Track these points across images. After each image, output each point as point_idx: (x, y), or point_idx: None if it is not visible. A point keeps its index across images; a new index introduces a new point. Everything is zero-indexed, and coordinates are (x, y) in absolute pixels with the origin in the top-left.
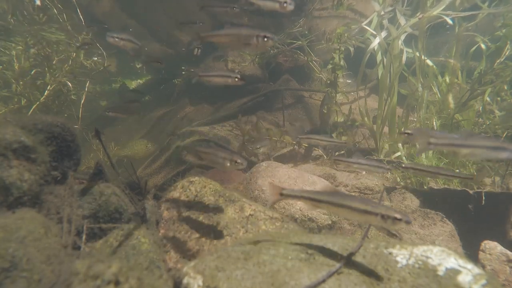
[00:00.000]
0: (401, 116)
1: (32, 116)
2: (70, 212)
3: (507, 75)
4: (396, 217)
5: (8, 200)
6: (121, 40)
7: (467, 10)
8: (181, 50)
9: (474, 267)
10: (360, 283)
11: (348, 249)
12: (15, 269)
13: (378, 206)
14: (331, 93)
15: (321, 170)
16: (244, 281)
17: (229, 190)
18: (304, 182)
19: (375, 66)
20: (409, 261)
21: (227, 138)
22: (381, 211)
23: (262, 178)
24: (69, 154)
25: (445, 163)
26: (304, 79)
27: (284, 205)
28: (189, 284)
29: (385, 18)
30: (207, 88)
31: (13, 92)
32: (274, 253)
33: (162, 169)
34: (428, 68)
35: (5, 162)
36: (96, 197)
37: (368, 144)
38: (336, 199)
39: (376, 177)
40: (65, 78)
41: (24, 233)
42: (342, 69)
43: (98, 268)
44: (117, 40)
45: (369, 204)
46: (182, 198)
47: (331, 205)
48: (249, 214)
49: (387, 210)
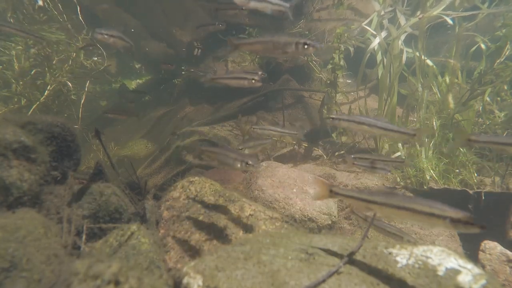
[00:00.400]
0: (401, 116)
1: (32, 116)
2: (70, 212)
3: (507, 75)
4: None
5: (8, 200)
6: (110, 37)
7: (467, 10)
8: (181, 50)
9: (474, 267)
10: (360, 283)
11: (348, 249)
12: (15, 269)
13: (445, 208)
14: (331, 93)
15: (321, 170)
16: (244, 281)
17: (229, 190)
18: (304, 182)
19: (375, 66)
20: (409, 261)
21: (227, 138)
22: (451, 214)
23: (262, 178)
24: (69, 154)
25: (445, 163)
26: (304, 79)
27: (284, 205)
28: (189, 284)
29: (385, 18)
30: (207, 88)
31: (13, 92)
32: (274, 253)
33: (162, 169)
34: (428, 68)
35: (5, 162)
36: (96, 197)
37: (368, 144)
38: (394, 201)
39: (376, 177)
40: (65, 78)
41: (24, 233)
42: (342, 69)
43: (98, 268)
44: (105, 37)
45: (435, 206)
46: (182, 198)
47: (388, 207)
48: (249, 214)
49: (457, 213)
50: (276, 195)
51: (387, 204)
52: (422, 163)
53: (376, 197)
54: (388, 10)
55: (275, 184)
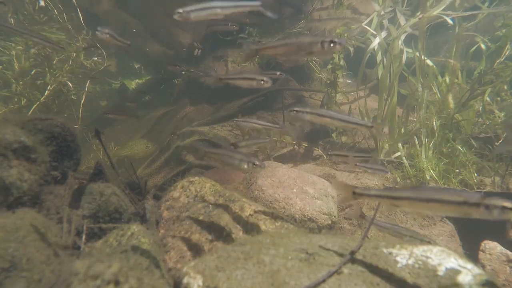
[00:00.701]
0: (401, 116)
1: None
2: (70, 212)
3: (507, 75)
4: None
5: (8, 200)
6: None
7: (467, 10)
8: (181, 50)
9: (474, 267)
10: (360, 283)
11: (348, 249)
12: (15, 269)
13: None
14: (331, 93)
15: (321, 170)
16: (244, 281)
17: (229, 190)
18: (304, 182)
19: (375, 66)
20: (409, 261)
21: (227, 138)
22: (485, 200)
23: (262, 178)
24: (69, 154)
25: (445, 163)
26: (304, 79)
27: (284, 205)
28: (189, 284)
29: (385, 18)
30: (207, 88)
31: (13, 92)
32: (274, 253)
33: (162, 169)
34: (428, 68)
35: (5, 162)
36: (96, 197)
37: (368, 144)
38: (423, 194)
39: (376, 177)
40: (65, 78)
41: (24, 233)
42: (342, 69)
43: (98, 268)
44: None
45: (466, 194)
46: (182, 198)
47: (417, 201)
48: (249, 214)
49: (490, 199)
50: (276, 195)
51: (416, 199)
52: (422, 163)
53: (403, 193)
54: (388, 10)
55: (275, 184)
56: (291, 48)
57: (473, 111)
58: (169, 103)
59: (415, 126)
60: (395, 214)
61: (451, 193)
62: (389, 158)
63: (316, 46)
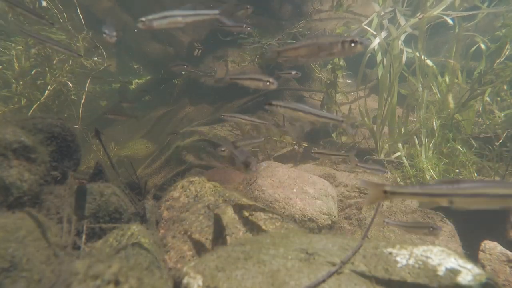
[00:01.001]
0: (401, 116)
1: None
2: (70, 212)
3: (507, 75)
4: None
5: (8, 200)
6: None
7: (467, 10)
8: (181, 50)
9: (474, 267)
10: (360, 283)
11: (348, 249)
12: (15, 269)
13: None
14: (330, 93)
15: (321, 170)
16: (244, 281)
17: (229, 190)
18: (304, 182)
19: (375, 66)
20: (409, 261)
21: (227, 138)
22: None
23: (262, 178)
24: (69, 154)
25: (445, 163)
26: (304, 79)
27: (284, 205)
28: (189, 284)
29: (385, 18)
30: (207, 88)
31: (13, 92)
32: (274, 253)
33: (162, 169)
34: (428, 68)
35: (5, 162)
36: (96, 197)
37: (368, 144)
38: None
39: (376, 177)
40: (65, 78)
41: (24, 233)
42: (341, 69)
43: (98, 268)
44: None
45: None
46: (182, 198)
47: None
48: (249, 214)
49: None
50: (276, 195)
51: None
52: (422, 163)
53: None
54: (388, 11)
55: (275, 184)
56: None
57: (473, 111)
58: (169, 103)
59: (415, 126)
60: (395, 214)
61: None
62: (389, 158)
63: (337, 46)
